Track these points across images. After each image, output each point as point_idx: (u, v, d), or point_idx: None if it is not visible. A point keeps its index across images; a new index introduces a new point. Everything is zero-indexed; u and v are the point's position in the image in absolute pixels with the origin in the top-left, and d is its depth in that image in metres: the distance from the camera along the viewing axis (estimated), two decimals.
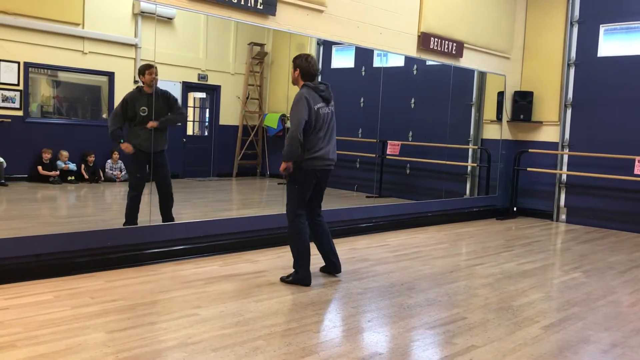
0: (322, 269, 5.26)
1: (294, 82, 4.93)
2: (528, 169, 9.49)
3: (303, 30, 6.64)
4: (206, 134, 10.65)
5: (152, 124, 5.75)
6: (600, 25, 9.14)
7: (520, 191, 9.73)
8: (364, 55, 9.48)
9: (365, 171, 9.90)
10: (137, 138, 5.78)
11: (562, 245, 7.72)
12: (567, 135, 9.47)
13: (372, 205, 7.95)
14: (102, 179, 9.00)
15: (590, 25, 9.22)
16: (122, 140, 5.80)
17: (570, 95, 9.43)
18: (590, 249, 7.32)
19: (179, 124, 6.03)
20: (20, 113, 8.41)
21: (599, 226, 9.01)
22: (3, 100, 8.24)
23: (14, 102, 8.35)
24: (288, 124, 5.67)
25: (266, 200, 9.79)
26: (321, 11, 6.75)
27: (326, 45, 8.92)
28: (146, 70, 5.76)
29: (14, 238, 4.67)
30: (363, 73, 9.91)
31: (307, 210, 5.01)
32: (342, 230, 7.01)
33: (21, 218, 6.68)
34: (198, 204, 8.05)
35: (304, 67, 4.84)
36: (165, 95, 5.95)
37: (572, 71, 9.42)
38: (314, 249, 5.01)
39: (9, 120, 8.26)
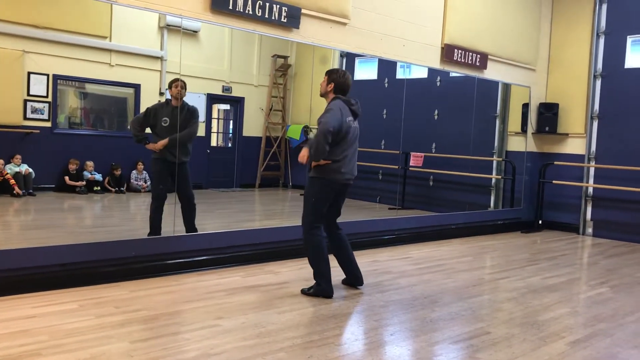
0: (344, 281, 5.24)
1: (323, 95, 4.93)
2: (554, 181, 9.36)
3: (326, 42, 6.67)
4: (230, 145, 10.74)
5: (161, 143, 5.76)
6: (628, 37, 9.02)
7: (546, 204, 9.60)
8: (386, 66, 9.48)
9: (388, 182, 9.87)
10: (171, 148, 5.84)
11: (589, 260, 7.59)
12: (593, 148, 9.33)
13: (394, 217, 7.91)
14: (125, 190, 9.12)
15: (617, 37, 9.10)
16: (147, 142, 5.91)
17: (596, 107, 9.31)
18: (617, 263, 7.18)
19: (188, 141, 5.97)
20: (48, 124, 8.59)
21: (627, 240, 8.83)
22: (32, 112, 8.43)
23: (42, 114, 8.53)
24: (311, 135, 5.68)
25: (289, 212, 9.81)
26: (344, 24, 6.78)
27: (349, 57, 8.94)
28: (172, 83, 5.93)
29: (40, 247, 4.74)
30: (386, 85, 9.91)
31: (326, 222, 4.99)
32: (364, 242, 6.99)
33: (48, 227, 6.79)
34: (221, 214, 8.10)
35: (340, 82, 4.84)
36: (190, 111, 5.99)
37: (598, 83, 9.29)
38: (333, 261, 5.01)
39: (38, 131, 8.44)
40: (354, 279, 5.16)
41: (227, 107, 10.66)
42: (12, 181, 8.06)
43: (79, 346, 3.45)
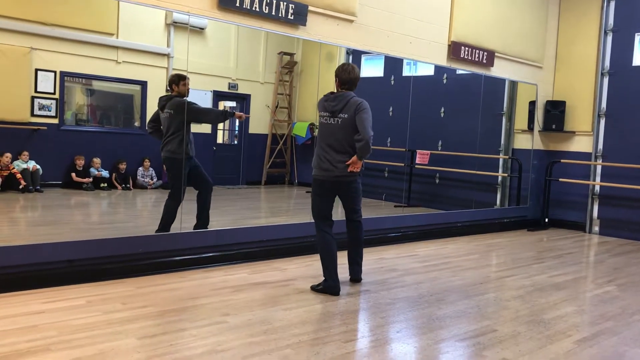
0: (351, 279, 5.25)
1: None
2: (560, 179, 9.33)
3: (333, 40, 6.67)
4: (235, 142, 10.75)
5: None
6: (636, 34, 8.97)
7: (552, 202, 9.57)
8: (393, 64, 9.46)
9: (394, 180, 9.86)
10: (187, 144, 5.87)
11: (595, 258, 7.56)
12: (600, 146, 9.30)
13: (400, 215, 7.90)
14: (131, 187, 9.13)
15: (625, 34, 9.05)
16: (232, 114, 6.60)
17: (603, 104, 9.26)
18: (624, 261, 7.16)
19: None
20: (55, 121, 8.62)
21: (633, 238, 8.80)
22: (40, 109, 8.45)
23: (50, 110, 8.56)
24: (316, 132, 5.73)
25: (294, 209, 9.81)
26: (351, 21, 6.77)
27: (355, 54, 8.92)
28: (181, 81, 5.86)
29: (48, 243, 4.78)
30: (392, 82, 9.90)
31: (345, 213, 5.12)
32: (370, 240, 6.97)
33: (55, 224, 6.82)
34: (227, 211, 8.11)
35: (336, 73, 4.94)
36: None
37: (605, 80, 9.25)
38: (342, 258, 5.01)
39: (45, 128, 8.47)
40: (351, 271, 5.20)
41: (233, 104, 10.66)
42: (18, 175, 8.10)
43: (88, 342, 3.47)
